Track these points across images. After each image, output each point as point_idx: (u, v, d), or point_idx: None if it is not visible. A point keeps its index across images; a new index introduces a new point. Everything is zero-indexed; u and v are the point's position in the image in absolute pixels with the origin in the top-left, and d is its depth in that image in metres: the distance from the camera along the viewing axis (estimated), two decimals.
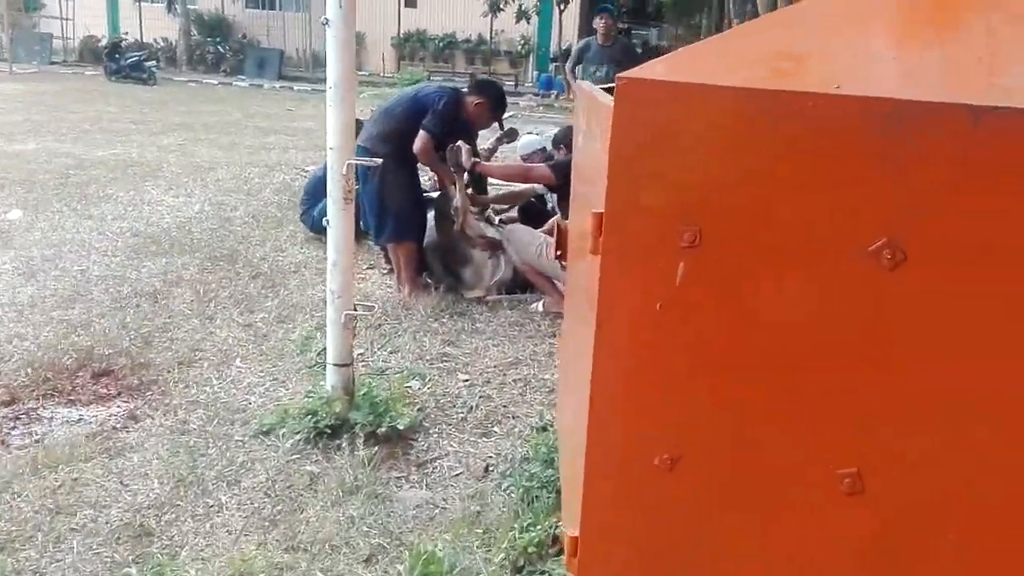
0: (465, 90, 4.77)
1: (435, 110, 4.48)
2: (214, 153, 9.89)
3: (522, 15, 21.53)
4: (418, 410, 3.31)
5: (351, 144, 2.83)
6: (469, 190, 4.72)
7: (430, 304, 4.59)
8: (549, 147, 5.21)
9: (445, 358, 3.92)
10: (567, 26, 22.95)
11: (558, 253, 2.48)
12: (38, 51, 23.00)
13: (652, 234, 1.36)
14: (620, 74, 1.30)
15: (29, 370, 3.48)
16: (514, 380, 3.70)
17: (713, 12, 20.75)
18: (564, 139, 4.67)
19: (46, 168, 8.18)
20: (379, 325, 4.28)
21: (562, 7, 21.49)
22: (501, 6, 21.20)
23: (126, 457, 2.87)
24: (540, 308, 4.57)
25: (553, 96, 21.95)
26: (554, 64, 24.75)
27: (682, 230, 1.33)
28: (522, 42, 25.40)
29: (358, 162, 2.86)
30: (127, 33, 23.40)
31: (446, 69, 25.31)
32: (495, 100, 4.69)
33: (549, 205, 5.77)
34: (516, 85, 23.13)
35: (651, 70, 1.33)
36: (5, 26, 21.49)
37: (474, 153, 4.47)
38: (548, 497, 2.54)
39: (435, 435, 3.15)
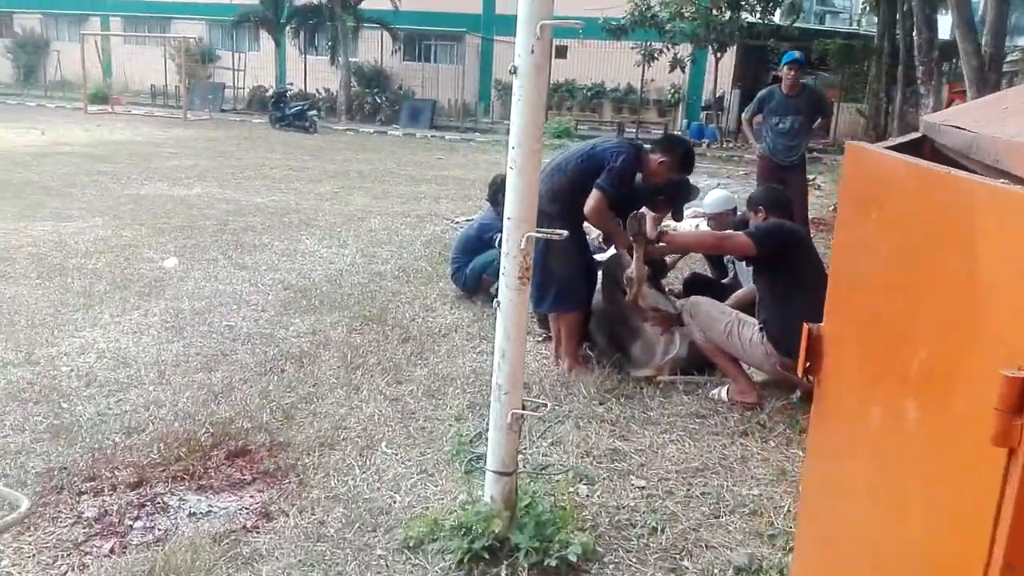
0: (648, 147, 4.24)
1: (611, 167, 3.97)
2: (367, 202, 9.86)
3: (676, 63, 20.89)
4: (590, 527, 2.74)
5: (532, 215, 2.35)
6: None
7: (593, 383, 4.04)
8: (742, 207, 4.57)
9: (615, 456, 3.34)
10: (722, 74, 22.16)
11: (807, 364, 1.88)
12: (211, 99, 24.53)
13: None
14: None
15: (162, 445, 3.18)
16: (702, 493, 3.06)
17: (882, 60, 19.44)
18: (764, 200, 4.02)
19: (206, 214, 8.31)
20: (536, 407, 3.75)
21: (719, 55, 20.75)
22: (656, 55, 20.66)
23: (253, 569, 2.46)
24: (724, 395, 3.92)
25: (705, 145, 21.17)
26: (705, 112, 24.01)
27: None
28: (672, 91, 24.82)
29: (540, 234, 2.38)
30: (292, 84, 24.59)
31: (593, 118, 25.09)
32: (682, 160, 4.12)
33: (731, 273, 5.13)
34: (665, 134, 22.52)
35: None
36: (183, 76, 23.08)
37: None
38: None
39: (612, 566, 2.57)
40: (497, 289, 5.44)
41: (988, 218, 0.93)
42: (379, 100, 24.44)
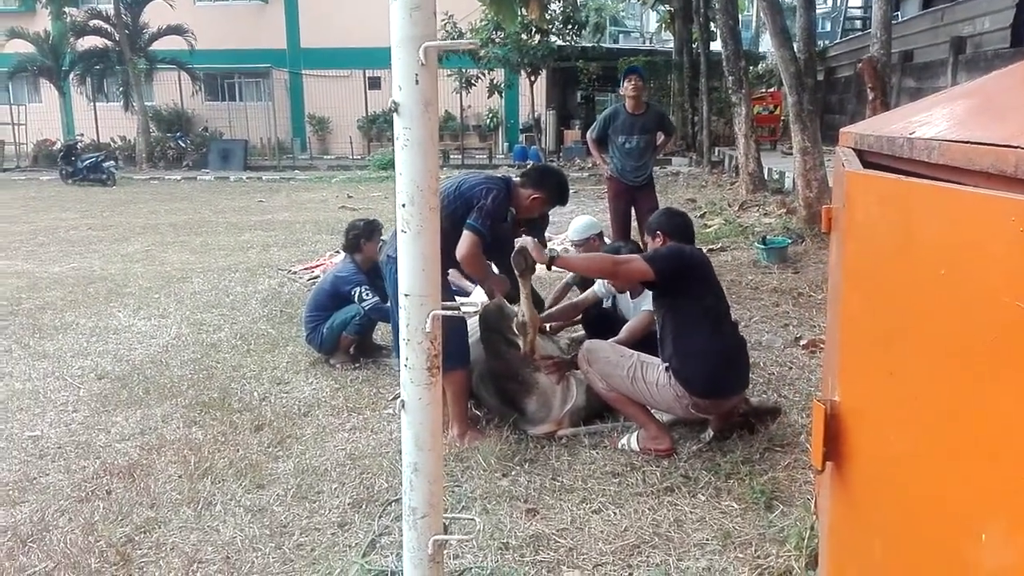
0: (517, 180, 3.84)
1: (482, 206, 3.53)
2: (185, 258, 8.85)
3: (494, 88, 21.01)
4: None
5: (437, 289, 1.84)
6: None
7: (491, 450, 3.55)
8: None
9: (538, 543, 2.85)
10: (536, 96, 22.43)
11: (824, 450, 1.49)
12: None
13: None
14: None
15: None
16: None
17: (683, 73, 20.41)
18: (663, 226, 3.65)
19: None
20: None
21: (532, 79, 20.99)
22: (472, 82, 20.67)
23: None
24: (635, 445, 3.54)
25: (530, 165, 21.32)
26: (524, 134, 24.26)
27: None
28: (490, 115, 24.93)
29: (449, 313, 1.87)
30: (82, 134, 22.46)
31: None
32: (556, 193, 3.79)
33: (606, 303, 4.80)
34: (490, 158, 22.60)
35: None
36: None
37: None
38: None
39: None
40: (355, 347, 4.88)
41: None
42: (183, 144, 22.81)
